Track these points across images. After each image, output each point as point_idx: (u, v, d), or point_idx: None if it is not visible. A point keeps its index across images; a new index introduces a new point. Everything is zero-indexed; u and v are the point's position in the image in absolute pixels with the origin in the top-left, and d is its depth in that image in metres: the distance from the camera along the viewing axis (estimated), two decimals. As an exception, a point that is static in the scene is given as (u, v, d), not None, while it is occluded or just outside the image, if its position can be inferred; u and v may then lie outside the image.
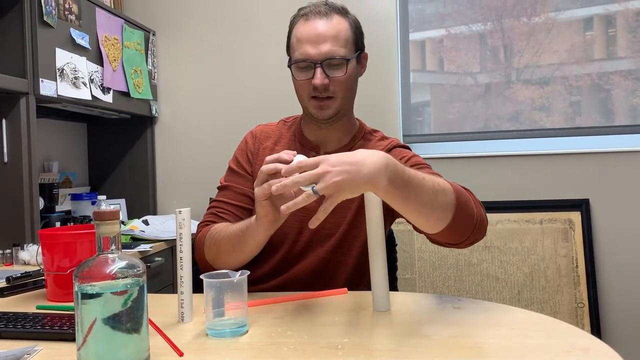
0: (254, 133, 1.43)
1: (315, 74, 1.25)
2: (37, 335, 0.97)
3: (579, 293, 2.34)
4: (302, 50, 1.27)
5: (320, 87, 1.25)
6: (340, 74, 1.27)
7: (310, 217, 1.04)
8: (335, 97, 1.28)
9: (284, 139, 1.40)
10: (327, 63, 1.25)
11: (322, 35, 1.25)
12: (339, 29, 1.27)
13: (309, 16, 1.28)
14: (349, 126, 1.38)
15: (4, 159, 1.87)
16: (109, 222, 0.77)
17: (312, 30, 1.26)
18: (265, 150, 1.38)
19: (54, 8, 1.99)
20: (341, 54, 1.26)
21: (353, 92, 1.35)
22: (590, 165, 2.42)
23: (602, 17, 2.54)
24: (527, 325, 0.96)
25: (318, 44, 1.25)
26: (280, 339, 0.92)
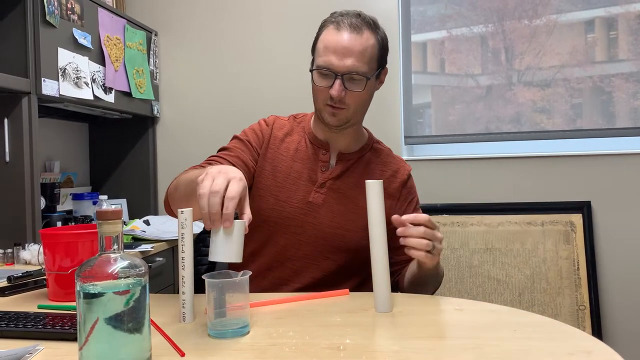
0: (267, 121, 1.46)
1: (334, 84, 1.27)
2: (38, 334, 0.97)
3: (581, 295, 2.34)
4: (326, 58, 1.28)
5: (337, 98, 1.28)
6: (358, 90, 1.29)
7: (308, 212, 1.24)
8: (348, 109, 1.31)
9: (295, 134, 1.44)
10: (347, 77, 1.27)
11: (349, 49, 1.26)
12: (366, 46, 1.28)
13: (341, 26, 1.28)
14: (357, 134, 1.43)
15: (6, 159, 1.87)
16: (112, 222, 0.77)
17: (340, 41, 1.27)
18: (277, 140, 1.41)
19: (57, 8, 1.99)
20: (363, 70, 1.28)
21: (366, 106, 1.38)
22: (591, 167, 2.42)
23: (603, 19, 2.54)
24: (529, 327, 0.96)
25: (343, 57, 1.26)
26: (281, 340, 0.92)
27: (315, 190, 1.36)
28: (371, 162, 1.43)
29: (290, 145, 1.41)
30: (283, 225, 1.35)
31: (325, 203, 1.35)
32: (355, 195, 1.36)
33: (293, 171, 1.38)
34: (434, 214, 2.51)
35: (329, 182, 1.37)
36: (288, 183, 1.37)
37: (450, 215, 2.50)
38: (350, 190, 1.37)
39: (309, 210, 1.35)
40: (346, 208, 1.36)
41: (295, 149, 1.41)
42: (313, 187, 1.36)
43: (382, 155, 1.45)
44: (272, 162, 1.39)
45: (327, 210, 1.35)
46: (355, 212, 1.35)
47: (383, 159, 1.44)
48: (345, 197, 1.37)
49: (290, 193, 1.35)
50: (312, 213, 1.35)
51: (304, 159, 1.39)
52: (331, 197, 1.36)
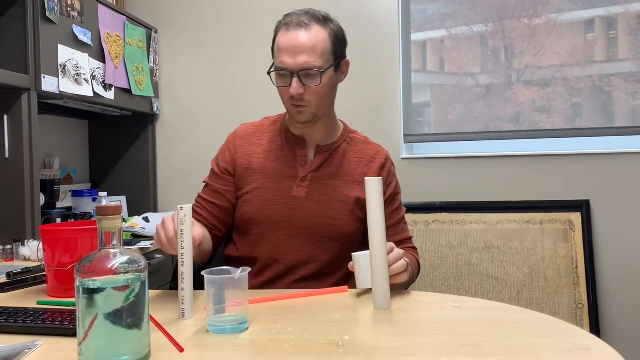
0: (236, 133, 1.51)
1: (292, 83, 1.32)
2: (37, 330, 0.97)
3: (579, 294, 2.34)
4: (281, 59, 1.33)
5: (296, 96, 1.33)
6: (315, 84, 1.33)
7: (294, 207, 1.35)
8: (310, 105, 1.35)
9: (268, 133, 1.48)
10: (303, 73, 1.32)
11: (300, 47, 1.31)
12: (316, 41, 1.32)
13: (289, 26, 1.34)
14: (331, 127, 1.47)
15: (5, 155, 1.87)
16: (111, 217, 0.77)
17: (290, 40, 1.32)
18: (250, 146, 1.46)
19: (57, 4, 1.99)
20: (317, 65, 1.32)
21: (329, 98, 1.41)
22: (590, 166, 2.42)
23: (603, 19, 2.54)
24: (527, 324, 0.96)
25: (295, 55, 1.31)
26: (280, 336, 0.92)
27: (298, 184, 1.40)
28: (348, 151, 1.47)
29: (266, 147, 1.46)
30: (271, 224, 1.38)
31: (309, 196, 1.39)
32: (336, 184, 1.41)
33: (271, 170, 1.42)
34: (433, 212, 2.51)
35: (309, 175, 1.41)
36: (269, 182, 1.41)
37: (449, 214, 2.50)
38: (331, 180, 1.42)
39: (294, 205, 1.39)
40: (330, 197, 1.40)
41: (271, 149, 1.45)
42: (295, 182, 1.40)
43: (359, 143, 1.50)
44: (250, 167, 1.43)
45: (311, 202, 1.39)
46: (339, 200, 1.40)
47: (360, 146, 1.49)
48: (328, 187, 1.41)
49: (273, 192, 1.40)
50: (297, 207, 1.39)
51: (281, 157, 1.44)
52: (314, 189, 1.40)
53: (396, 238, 1.43)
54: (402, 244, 1.43)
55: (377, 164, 1.47)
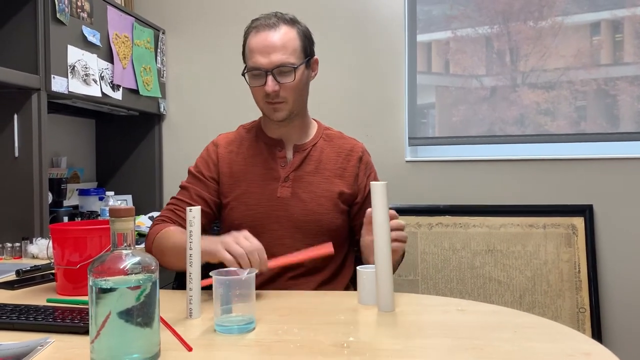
0: (215, 142, 1.55)
1: (267, 81, 1.37)
2: (49, 327, 0.99)
3: (581, 298, 2.35)
4: (254, 59, 1.39)
5: (272, 93, 1.38)
6: (290, 80, 1.38)
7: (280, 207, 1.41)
8: (287, 101, 1.41)
9: (246, 141, 1.53)
10: (277, 71, 1.37)
11: (271, 46, 1.37)
12: (286, 39, 1.39)
13: (259, 28, 1.40)
14: (306, 125, 1.52)
15: (15, 154, 1.89)
16: (124, 219, 0.79)
17: (262, 41, 1.38)
18: (230, 155, 1.50)
19: (67, 5, 2.01)
20: (290, 61, 1.38)
21: (303, 95, 1.47)
22: (594, 171, 2.43)
23: (609, 22, 2.55)
24: (530, 329, 0.98)
25: (268, 54, 1.37)
26: (287, 336, 0.94)
27: (281, 185, 1.44)
28: (325, 147, 1.51)
29: (246, 153, 1.50)
30: (260, 227, 1.41)
31: (294, 195, 1.44)
32: (318, 180, 1.46)
33: (254, 175, 1.46)
34: (436, 214, 2.52)
35: (291, 175, 1.45)
36: (253, 187, 1.45)
37: (453, 217, 2.51)
38: (312, 177, 1.46)
39: (280, 205, 1.43)
40: (313, 194, 1.44)
41: (251, 155, 1.49)
42: (278, 184, 1.44)
43: (335, 139, 1.54)
44: (232, 175, 1.47)
45: (296, 200, 1.43)
46: (323, 195, 1.44)
47: (336, 142, 1.53)
48: (310, 185, 1.45)
49: (258, 195, 1.43)
50: (283, 207, 1.43)
51: (261, 161, 1.48)
52: (297, 187, 1.44)
53: None
54: None
55: (354, 157, 1.51)
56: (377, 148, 2.58)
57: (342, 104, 2.64)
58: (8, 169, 1.90)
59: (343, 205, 1.47)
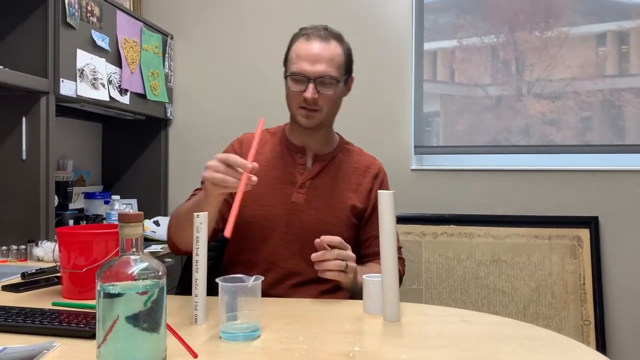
0: (240, 139, 1.57)
1: (308, 88, 1.40)
2: (54, 331, 0.99)
3: (586, 310, 2.34)
4: (299, 65, 1.41)
5: (310, 100, 1.40)
6: (330, 92, 1.42)
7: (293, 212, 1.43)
8: (321, 111, 1.43)
9: (269, 144, 1.55)
10: (319, 81, 1.40)
11: (319, 56, 1.40)
12: (334, 53, 1.42)
13: (310, 36, 1.43)
14: (329, 137, 1.56)
15: (23, 156, 1.90)
16: (133, 225, 0.80)
17: (311, 49, 1.41)
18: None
19: (77, 10, 2.02)
20: (333, 74, 1.41)
21: (337, 108, 1.50)
22: (600, 182, 2.42)
23: (615, 33, 2.55)
24: (535, 341, 0.97)
25: (314, 63, 1.40)
26: (292, 345, 0.94)
27: (297, 191, 1.45)
28: (344, 160, 1.54)
29: (268, 155, 1.52)
30: (270, 228, 1.43)
31: (307, 202, 1.45)
32: (333, 191, 1.47)
33: (273, 177, 1.47)
34: (441, 224, 2.52)
35: (307, 182, 1.47)
36: (270, 188, 1.46)
37: (458, 226, 2.51)
38: (327, 187, 1.48)
39: (293, 210, 1.44)
40: (326, 204, 1.46)
41: (272, 157, 1.51)
42: (294, 189, 1.46)
43: (354, 154, 1.57)
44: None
45: (309, 207, 1.44)
46: (335, 207, 1.46)
47: (354, 157, 1.56)
48: (324, 194, 1.47)
49: (273, 197, 1.45)
50: (296, 212, 1.44)
51: (281, 165, 1.50)
52: (312, 195, 1.46)
53: None
54: None
55: (371, 173, 1.54)
56: (382, 156, 2.57)
57: (348, 111, 2.63)
58: (15, 171, 1.91)
59: (354, 219, 1.48)
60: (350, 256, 1.26)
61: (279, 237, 1.43)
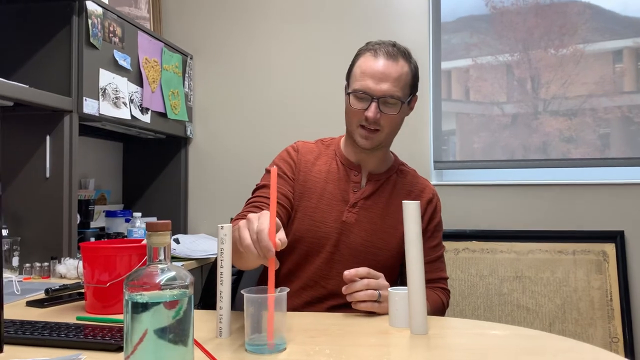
0: (295, 147, 1.50)
1: (370, 107, 1.34)
2: (80, 344, 0.99)
3: (614, 327, 2.28)
4: (363, 82, 1.35)
5: (372, 119, 1.34)
6: (393, 113, 1.36)
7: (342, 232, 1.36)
8: (382, 131, 1.38)
9: (324, 156, 1.48)
10: (382, 100, 1.34)
11: (386, 74, 1.34)
12: (401, 73, 1.36)
13: (377, 52, 1.36)
14: (385, 157, 1.50)
15: (46, 174, 1.92)
16: (161, 233, 0.79)
17: (377, 67, 1.34)
18: (307, 164, 1.46)
19: (100, 30, 2.06)
20: (398, 95, 1.35)
21: (398, 129, 1.44)
22: (624, 196, 2.38)
23: (632, 49, 2.53)
24: (569, 353, 0.95)
25: (380, 82, 1.34)
26: (318, 357, 0.92)
27: (348, 209, 1.40)
28: (398, 182, 1.48)
29: (322, 168, 1.46)
30: (318, 245, 1.39)
31: (358, 222, 1.40)
32: (386, 214, 1.42)
33: (326, 192, 1.42)
34: (462, 240, 2.49)
35: (360, 202, 1.42)
36: (322, 204, 1.41)
37: (479, 242, 2.48)
38: (380, 209, 1.42)
39: (343, 230, 1.39)
40: (377, 227, 1.41)
41: (327, 170, 1.45)
42: (346, 207, 1.41)
43: (409, 176, 1.52)
44: (305, 185, 1.43)
45: (359, 229, 1.40)
46: (386, 230, 1.40)
47: (409, 179, 1.51)
48: (376, 216, 1.41)
49: (325, 214, 1.40)
50: (345, 232, 1.39)
51: (335, 180, 1.44)
52: (363, 216, 1.41)
53: (429, 276, 1.35)
54: (433, 282, 1.42)
55: (425, 198, 1.48)
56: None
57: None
58: (39, 189, 1.93)
59: (403, 246, 1.40)
60: (382, 285, 1.19)
61: (325, 255, 1.39)
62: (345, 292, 1.18)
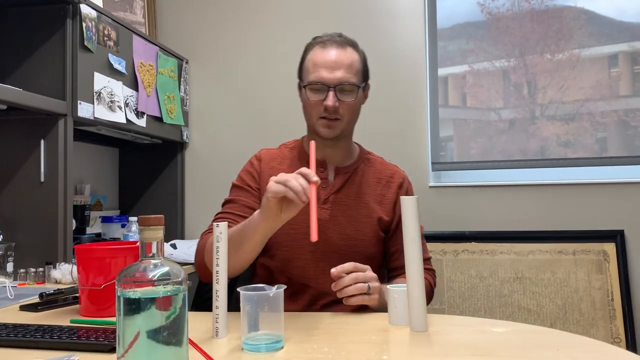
0: (258, 156, 1.52)
1: (328, 96, 1.36)
2: (73, 346, 0.97)
3: (615, 327, 2.26)
4: (318, 74, 1.37)
5: (331, 109, 1.36)
6: (350, 99, 1.38)
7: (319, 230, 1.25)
8: (342, 119, 1.39)
9: (288, 160, 1.50)
10: (339, 88, 1.36)
11: (338, 63, 1.37)
12: (352, 59, 1.39)
13: (326, 44, 1.40)
14: (350, 148, 1.51)
15: (41, 179, 1.90)
16: (153, 228, 0.77)
17: (329, 56, 1.38)
18: (272, 170, 1.46)
19: (94, 34, 2.05)
20: (353, 81, 1.38)
21: (357, 116, 1.46)
22: (624, 195, 2.37)
23: (627, 54, 2.53)
24: (573, 347, 0.93)
25: (333, 70, 1.36)
26: (317, 355, 0.90)
27: (320, 207, 1.40)
28: (366, 171, 1.49)
29: (287, 172, 1.42)
30: (297, 247, 1.38)
31: (332, 217, 1.40)
32: (358, 204, 1.42)
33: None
34: (462, 241, 2.47)
35: (331, 197, 1.42)
36: None
37: (479, 243, 2.46)
38: (352, 200, 1.43)
39: (319, 227, 1.36)
40: (352, 219, 1.41)
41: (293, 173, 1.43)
42: (318, 205, 1.39)
43: (376, 164, 1.53)
44: None
45: (334, 224, 1.40)
46: (362, 221, 1.41)
47: (377, 167, 1.51)
48: (350, 208, 1.42)
49: (298, 215, 1.31)
50: (322, 229, 1.36)
51: None
52: (336, 210, 1.41)
53: None
54: None
55: (395, 183, 1.49)
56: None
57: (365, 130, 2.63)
58: (34, 193, 1.91)
59: (381, 233, 1.43)
60: (369, 276, 1.19)
61: (306, 256, 1.38)
62: (334, 289, 1.17)
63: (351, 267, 1.18)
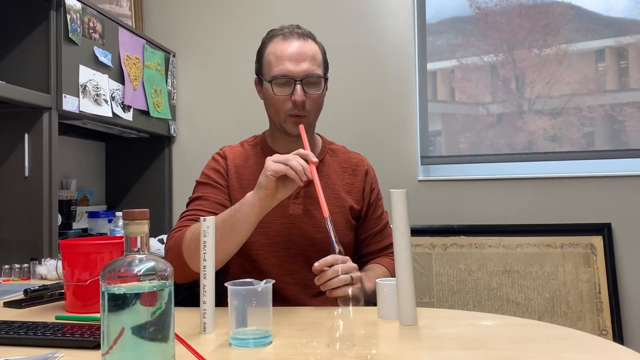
0: (222, 153, 1.49)
1: (296, 90, 1.32)
2: (57, 342, 0.95)
3: (602, 320, 2.28)
4: (282, 67, 1.32)
5: (300, 103, 1.32)
6: (317, 92, 1.35)
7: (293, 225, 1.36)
8: (309, 114, 1.36)
9: (253, 157, 1.46)
10: (306, 81, 1.33)
11: (302, 54, 1.33)
12: (315, 51, 1.36)
13: (287, 36, 1.36)
14: (314, 141, 1.48)
15: (25, 173, 1.87)
16: (138, 222, 0.76)
17: (292, 48, 1.33)
18: (238, 168, 1.43)
19: (79, 26, 2.02)
20: (318, 72, 1.35)
21: (321, 109, 1.43)
22: (611, 188, 2.38)
23: (613, 49, 2.54)
24: (562, 340, 0.93)
25: (298, 62, 1.32)
26: (306, 350, 0.89)
27: (292, 202, 1.38)
28: (331, 162, 1.48)
29: (254, 169, 1.42)
30: (271, 245, 1.36)
31: (305, 212, 1.39)
32: (328, 196, 1.38)
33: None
34: (451, 235, 2.47)
35: (302, 191, 1.39)
36: None
37: (468, 237, 2.46)
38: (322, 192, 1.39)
39: (293, 223, 1.38)
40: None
41: (259, 170, 1.36)
42: (290, 201, 1.37)
43: (340, 153, 1.51)
44: (241, 189, 1.38)
45: (308, 217, 1.38)
46: (333, 211, 1.38)
47: (341, 156, 1.50)
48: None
49: (270, 212, 1.29)
50: (296, 224, 1.38)
51: None
52: (309, 204, 1.39)
53: (384, 243, 1.48)
54: (388, 249, 1.46)
55: (361, 172, 1.49)
56: (389, 167, 2.56)
57: (355, 124, 2.62)
58: (18, 188, 1.88)
59: (353, 221, 1.44)
60: (351, 267, 1.17)
61: (284, 252, 1.37)
62: (318, 283, 1.15)
63: (332, 260, 1.16)
